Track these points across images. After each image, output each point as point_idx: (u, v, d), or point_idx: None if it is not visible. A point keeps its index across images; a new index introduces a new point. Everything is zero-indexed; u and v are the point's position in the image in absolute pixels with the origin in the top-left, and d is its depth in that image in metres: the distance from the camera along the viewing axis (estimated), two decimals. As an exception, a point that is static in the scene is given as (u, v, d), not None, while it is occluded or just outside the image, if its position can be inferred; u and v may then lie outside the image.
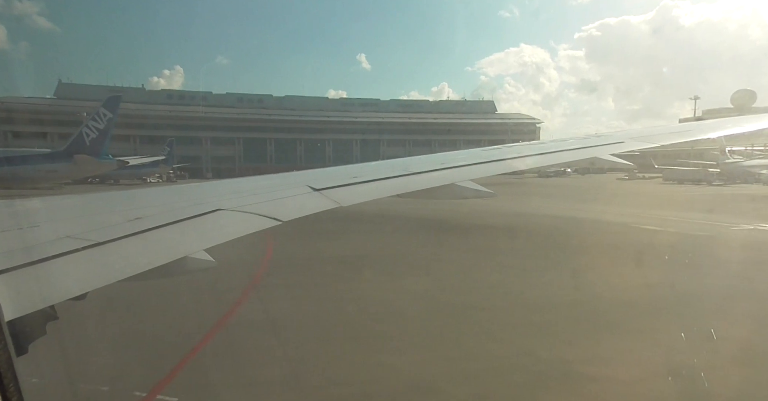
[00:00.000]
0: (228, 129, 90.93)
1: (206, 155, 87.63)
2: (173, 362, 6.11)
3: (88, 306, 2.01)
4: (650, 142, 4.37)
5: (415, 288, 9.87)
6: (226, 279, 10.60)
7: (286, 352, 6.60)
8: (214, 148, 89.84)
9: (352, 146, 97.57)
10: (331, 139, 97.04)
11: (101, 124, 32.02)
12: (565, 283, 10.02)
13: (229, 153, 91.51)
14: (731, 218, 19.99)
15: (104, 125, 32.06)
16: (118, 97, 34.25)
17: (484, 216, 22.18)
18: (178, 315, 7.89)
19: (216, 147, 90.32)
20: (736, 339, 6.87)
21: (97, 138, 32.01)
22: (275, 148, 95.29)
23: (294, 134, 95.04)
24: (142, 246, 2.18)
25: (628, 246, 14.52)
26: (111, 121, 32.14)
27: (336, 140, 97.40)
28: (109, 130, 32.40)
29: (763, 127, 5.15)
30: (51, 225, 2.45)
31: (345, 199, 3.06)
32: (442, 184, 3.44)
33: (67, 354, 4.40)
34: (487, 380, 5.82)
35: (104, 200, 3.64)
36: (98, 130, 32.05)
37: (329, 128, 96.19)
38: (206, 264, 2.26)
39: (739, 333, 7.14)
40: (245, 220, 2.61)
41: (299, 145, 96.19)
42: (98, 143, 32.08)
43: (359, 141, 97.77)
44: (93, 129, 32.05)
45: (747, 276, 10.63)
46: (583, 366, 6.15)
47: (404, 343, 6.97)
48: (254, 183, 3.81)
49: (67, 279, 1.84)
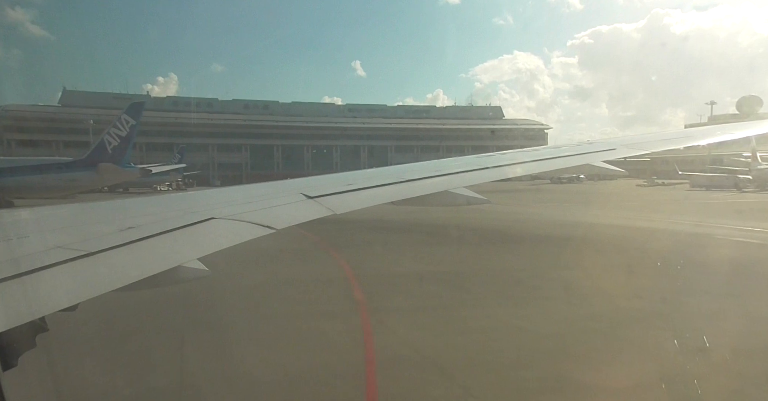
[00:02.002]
0: (234, 136, 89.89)
1: (213, 162, 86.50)
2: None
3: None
4: (642, 149, 4.39)
5: (561, 314, 8.35)
6: (333, 300, 9.56)
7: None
8: (220, 155, 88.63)
9: (360, 152, 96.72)
10: (339, 146, 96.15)
11: (123, 132, 30.85)
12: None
13: (236, 160, 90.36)
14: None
15: (126, 132, 30.90)
16: (141, 103, 33.14)
17: (541, 225, 21.13)
18: (311, 349, 6.78)
19: (223, 154, 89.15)
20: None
21: (119, 145, 30.83)
22: (282, 155, 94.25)
23: (301, 141, 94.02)
24: (135, 255, 2.15)
25: (757, 264, 12.62)
26: (134, 128, 30.98)
27: (344, 146, 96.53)
28: (131, 138, 31.23)
29: (751, 133, 5.25)
30: (41, 236, 2.41)
31: (339, 206, 3.03)
32: (436, 191, 3.40)
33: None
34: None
35: (96, 210, 3.55)
36: (120, 137, 30.88)
37: (336, 134, 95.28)
38: (200, 274, 2.21)
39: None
40: (239, 229, 2.58)
41: (307, 152, 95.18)
42: (120, 151, 30.90)
43: (367, 147, 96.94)
44: (115, 136, 30.87)
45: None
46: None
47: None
48: (248, 191, 3.72)
49: (57, 290, 1.82)
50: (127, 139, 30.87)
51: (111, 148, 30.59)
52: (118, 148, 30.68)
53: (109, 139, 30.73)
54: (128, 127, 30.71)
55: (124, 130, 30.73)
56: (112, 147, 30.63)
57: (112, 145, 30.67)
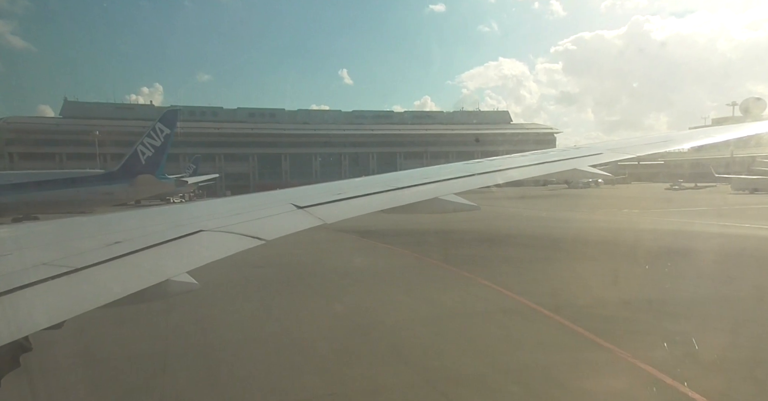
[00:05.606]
0: (241, 144, 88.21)
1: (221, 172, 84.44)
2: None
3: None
4: (627, 153, 4.43)
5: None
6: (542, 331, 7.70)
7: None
8: (227, 164, 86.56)
9: (368, 159, 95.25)
10: (347, 153, 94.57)
11: (158, 141, 28.80)
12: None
13: (243, 169, 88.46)
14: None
15: (161, 142, 28.84)
16: (175, 111, 31.14)
17: (638, 235, 19.43)
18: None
19: (229, 163, 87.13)
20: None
21: (153, 156, 28.77)
22: (290, 163, 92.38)
23: (308, 148, 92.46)
24: (122, 270, 2.09)
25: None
26: (168, 137, 28.92)
27: (352, 153, 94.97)
28: (166, 148, 29.18)
29: (731, 137, 5.23)
30: (26, 252, 2.39)
31: (329, 216, 2.97)
32: (426, 198, 3.36)
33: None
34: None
35: (82, 225, 3.38)
36: (154, 147, 28.83)
37: (344, 141, 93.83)
38: (189, 287, 2.10)
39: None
40: (228, 241, 2.52)
41: (314, 160, 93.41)
42: (155, 161, 28.84)
43: (375, 154, 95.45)
44: (149, 146, 28.80)
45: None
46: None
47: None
48: (238, 202, 3.71)
49: (41, 307, 1.74)
50: (162, 149, 28.87)
51: (145, 159, 28.58)
52: (153, 159, 28.67)
53: (143, 149, 28.70)
54: (163, 136, 28.71)
55: (159, 139, 28.73)
56: (146, 157, 28.61)
57: (146, 155, 28.65)
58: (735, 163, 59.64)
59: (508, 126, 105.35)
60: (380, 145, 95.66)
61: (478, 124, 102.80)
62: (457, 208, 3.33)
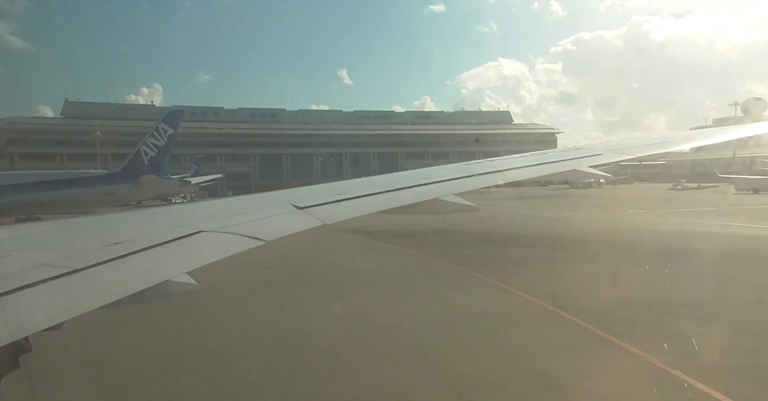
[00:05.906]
0: (242, 145, 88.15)
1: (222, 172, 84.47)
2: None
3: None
4: (627, 154, 4.42)
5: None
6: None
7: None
8: (228, 164, 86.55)
9: (369, 159, 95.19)
10: (348, 153, 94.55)
11: (161, 141, 28.80)
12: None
13: (244, 169, 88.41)
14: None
15: (164, 142, 28.84)
16: (180, 111, 31.14)
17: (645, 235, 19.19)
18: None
19: (231, 163, 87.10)
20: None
21: (156, 156, 28.77)
22: (291, 163, 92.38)
23: (309, 149, 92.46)
24: (122, 271, 2.10)
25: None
26: (172, 137, 28.92)
27: (353, 154, 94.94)
28: (169, 148, 29.17)
29: (730, 138, 5.23)
30: (26, 253, 2.37)
31: (329, 216, 2.97)
32: (426, 198, 3.36)
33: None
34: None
35: (81, 226, 3.38)
36: (158, 147, 28.83)
37: (345, 142, 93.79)
38: (189, 288, 2.10)
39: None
40: (228, 241, 2.51)
41: (315, 160, 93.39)
42: (158, 162, 28.85)
43: (376, 154, 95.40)
44: (152, 146, 28.80)
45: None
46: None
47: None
48: (237, 203, 3.70)
49: (41, 308, 1.74)
50: (165, 150, 28.88)
51: (148, 159, 28.59)
52: (156, 159, 28.68)
53: (146, 149, 28.71)
54: (166, 136, 28.72)
55: (162, 139, 28.74)
56: (149, 157, 28.62)
57: (149, 155, 28.66)
58: (736, 163, 59.53)
59: (509, 126, 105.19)
60: (381, 145, 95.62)
61: (478, 124, 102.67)
62: (457, 209, 3.33)
